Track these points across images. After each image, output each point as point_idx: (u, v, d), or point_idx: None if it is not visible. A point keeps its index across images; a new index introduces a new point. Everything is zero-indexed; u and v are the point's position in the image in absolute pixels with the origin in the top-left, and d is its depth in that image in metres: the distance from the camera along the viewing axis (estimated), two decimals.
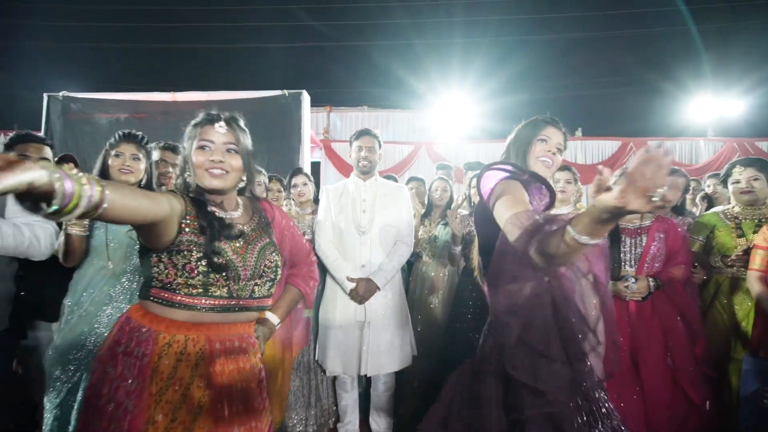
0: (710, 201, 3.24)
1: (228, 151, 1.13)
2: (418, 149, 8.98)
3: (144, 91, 5.45)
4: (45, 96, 4.97)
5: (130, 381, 1.00)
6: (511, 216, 1.07)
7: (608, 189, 0.76)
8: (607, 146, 9.11)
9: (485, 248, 1.36)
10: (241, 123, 1.18)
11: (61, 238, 1.65)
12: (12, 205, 1.47)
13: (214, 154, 1.11)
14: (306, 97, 4.88)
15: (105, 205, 0.77)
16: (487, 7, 12.98)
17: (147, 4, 12.89)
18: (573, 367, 1.15)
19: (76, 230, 1.64)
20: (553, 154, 1.36)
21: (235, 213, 1.19)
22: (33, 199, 0.68)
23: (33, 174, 0.65)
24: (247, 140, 1.18)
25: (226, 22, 13.67)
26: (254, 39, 13.55)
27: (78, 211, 0.73)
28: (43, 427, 1.61)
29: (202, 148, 1.12)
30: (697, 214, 2.95)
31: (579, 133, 9.55)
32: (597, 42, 12.90)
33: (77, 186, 0.72)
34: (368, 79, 12.83)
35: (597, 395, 1.19)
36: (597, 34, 12.58)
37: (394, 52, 12.86)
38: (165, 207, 1.00)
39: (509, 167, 1.36)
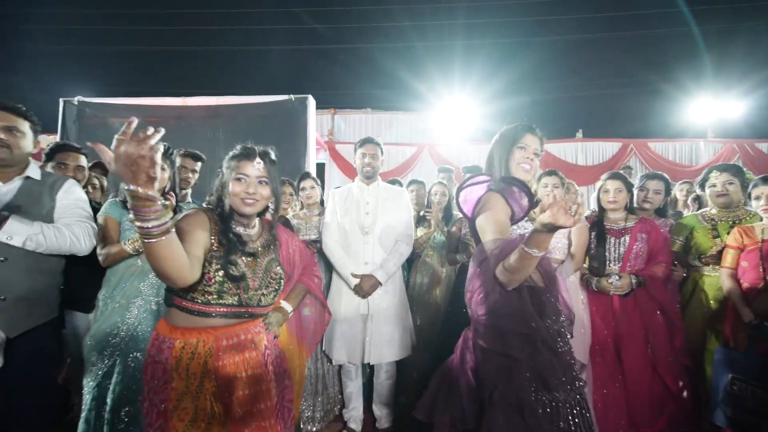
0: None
1: (260, 182, 1.32)
2: (420, 151, 9.08)
3: (152, 93, 5.53)
4: (61, 101, 5.06)
5: (156, 382, 1.22)
6: (486, 242, 1.35)
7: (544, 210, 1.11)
8: (608, 148, 9.12)
9: None
10: (273, 156, 1.36)
11: (114, 249, 1.83)
12: (59, 208, 1.65)
13: (249, 186, 1.30)
14: (312, 102, 4.96)
15: (163, 238, 1.01)
16: (489, 10, 13.09)
17: (150, 7, 13.10)
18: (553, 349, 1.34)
19: (130, 247, 1.83)
20: (531, 159, 1.50)
21: (253, 231, 1.38)
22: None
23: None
24: (275, 171, 1.36)
25: (232, 26, 13.86)
26: (260, 43, 13.75)
27: (153, 220, 0.99)
28: (83, 406, 1.80)
29: (239, 179, 1.31)
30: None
31: (580, 134, 9.58)
32: (597, 44, 12.96)
33: (167, 208, 0.98)
34: (372, 81, 12.96)
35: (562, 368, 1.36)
36: (597, 35, 12.64)
37: (397, 55, 12.98)
38: (195, 261, 1.18)
39: (486, 179, 1.52)
